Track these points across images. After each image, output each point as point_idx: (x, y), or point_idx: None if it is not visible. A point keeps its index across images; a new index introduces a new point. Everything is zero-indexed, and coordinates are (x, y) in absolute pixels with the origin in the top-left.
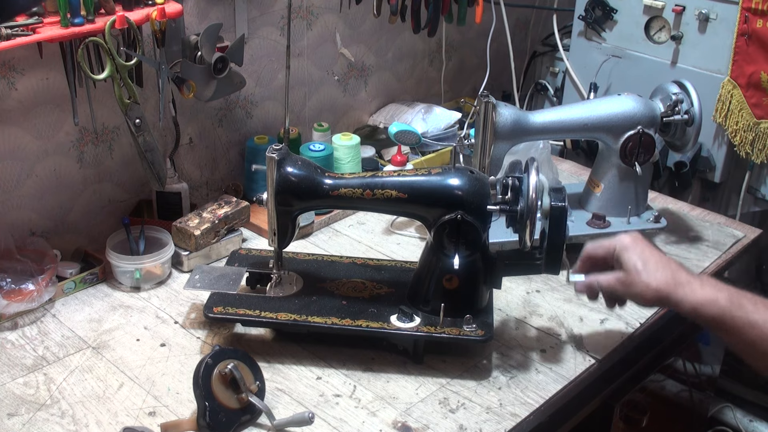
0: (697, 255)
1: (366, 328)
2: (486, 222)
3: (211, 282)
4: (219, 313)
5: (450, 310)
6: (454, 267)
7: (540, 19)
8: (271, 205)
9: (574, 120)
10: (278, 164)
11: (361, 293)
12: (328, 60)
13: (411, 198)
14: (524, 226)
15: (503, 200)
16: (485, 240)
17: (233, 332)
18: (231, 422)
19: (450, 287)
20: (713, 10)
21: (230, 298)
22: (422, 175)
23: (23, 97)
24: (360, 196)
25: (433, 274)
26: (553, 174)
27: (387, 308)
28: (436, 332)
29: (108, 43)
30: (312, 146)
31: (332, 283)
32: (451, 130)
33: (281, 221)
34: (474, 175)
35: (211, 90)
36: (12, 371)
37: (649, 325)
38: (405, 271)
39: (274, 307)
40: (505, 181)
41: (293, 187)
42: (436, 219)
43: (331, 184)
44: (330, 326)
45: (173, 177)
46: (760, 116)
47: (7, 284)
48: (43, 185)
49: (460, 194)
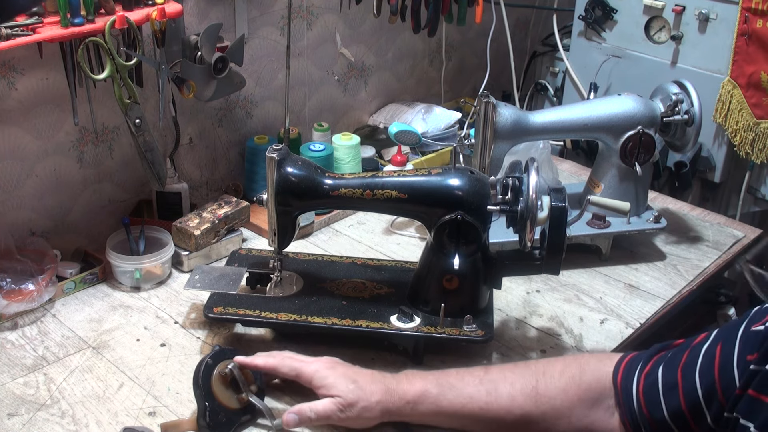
0: (697, 255)
1: (366, 329)
2: (486, 222)
3: (211, 282)
4: (219, 313)
5: (450, 310)
6: (455, 267)
7: (540, 19)
8: (271, 205)
9: (574, 120)
10: (278, 164)
11: (361, 293)
12: (328, 60)
13: (411, 198)
14: (524, 227)
15: (503, 200)
16: (485, 240)
17: (233, 332)
18: (231, 422)
19: (450, 287)
20: (713, 10)
21: (230, 299)
22: (422, 176)
23: (23, 97)
24: (360, 196)
25: (433, 275)
26: (553, 174)
27: (387, 308)
28: (436, 332)
29: (108, 43)
30: (312, 146)
31: (332, 283)
32: (451, 130)
33: (281, 221)
34: (474, 176)
35: (211, 90)
36: (12, 371)
37: (649, 325)
38: (405, 272)
39: (274, 308)
40: (505, 182)
41: (293, 187)
42: (436, 219)
43: (331, 184)
44: (330, 326)
45: (173, 177)
46: (760, 116)
47: (7, 284)
48: (43, 185)
49: (460, 194)
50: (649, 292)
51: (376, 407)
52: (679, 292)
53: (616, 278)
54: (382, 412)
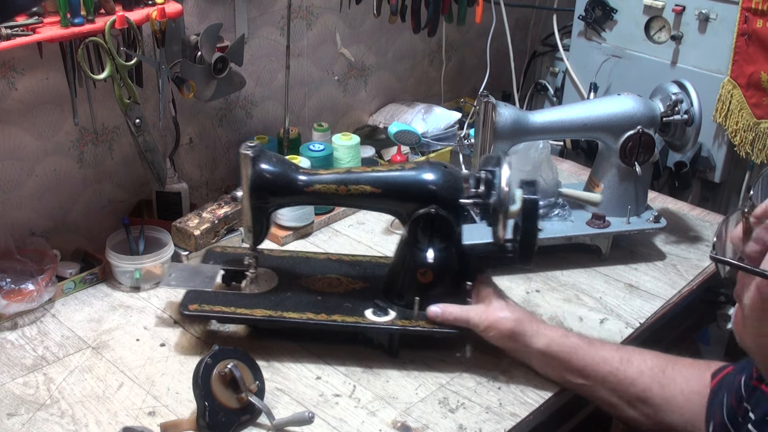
0: (697, 255)
1: (341, 323)
2: (459, 216)
3: (186, 280)
4: (195, 310)
5: (425, 303)
6: (429, 261)
7: (540, 19)
8: (246, 202)
9: (574, 120)
10: (252, 161)
11: (336, 289)
12: (328, 60)
13: (385, 193)
14: (497, 219)
15: (476, 194)
16: (459, 234)
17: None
18: (231, 422)
19: (424, 281)
20: (713, 10)
21: (206, 296)
22: (396, 171)
23: (23, 97)
24: (335, 192)
25: (407, 269)
26: (553, 174)
27: (362, 303)
28: (410, 326)
29: (108, 43)
30: (312, 146)
31: (307, 279)
32: (451, 130)
33: (256, 218)
34: (447, 170)
35: (211, 90)
36: (12, 371)
37: (649, 325)
38: (380, 266)
39: (249, 304)
40: (477, 175)
41: (268, 183)
42: (410, 213)
43: (305, 180)
44: (305, 321)
45: (173, 177)
46: (760, 116)
47: (7, 284)
48: (43, 185)
49: (433, 188)
50: (649, 292)
51: (509, 323)
52: (679, 292)
53: (616, 278)
54: (511, 330)
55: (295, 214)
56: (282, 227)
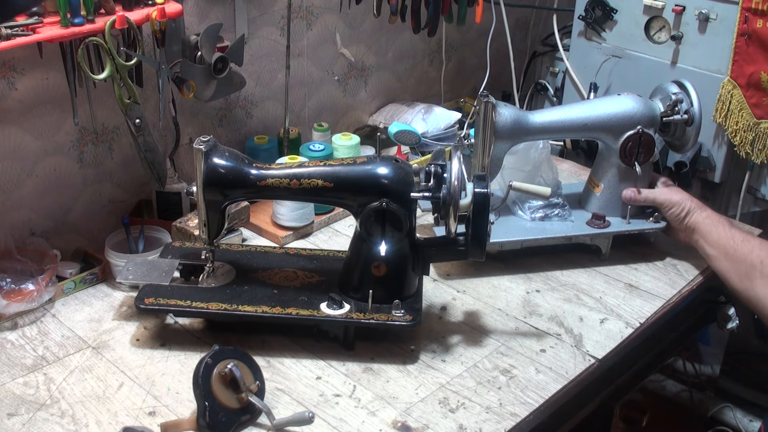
0: (696, 255)
1: (296, 316)
2: (411, 209)
3: (143, 274)
4: (151, 304)
5: (379, 296)
6: (381, 254)
7: (540, 19)
8: (200, 196)
9: (574, 120)
10: (205, 156)
11: (292, 282)
12: (328, 60)
13: (337, 187)
14: (448, 213)
15: (426, 187)
16: (412, 227)
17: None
18: (231, 422)
19: (378, 274)
20: (713, 10)
21: (162, 290)
22: (348, 165)
23: (23, 97)
24: (287, 186)
25: (361, 262)
26: (553, 174)
27: (318, 296)
28: (365, 318)
29: (108, 43)
30: (312, 146)
31: (264, 273)
32: (451, 130)
33: (211, 212)
34: (398, 164)
35: (211, 90)
36: (12, 371)
37: (649, 325)
38: (336, 260)
39: (205, 298)
40: (428, 169)
41: (221, 178)
42: (362, 207)
43: (257, 174)
44: (260, 315)
45: (173, 177)
46: (760, 116)
47: (7, 284)
48: (43, 185)
49: (385, 182)
50: (649, 292)
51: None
52: (679, 292)
53: (616, 278)
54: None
55: (295, 214)
56: (282, 227)
